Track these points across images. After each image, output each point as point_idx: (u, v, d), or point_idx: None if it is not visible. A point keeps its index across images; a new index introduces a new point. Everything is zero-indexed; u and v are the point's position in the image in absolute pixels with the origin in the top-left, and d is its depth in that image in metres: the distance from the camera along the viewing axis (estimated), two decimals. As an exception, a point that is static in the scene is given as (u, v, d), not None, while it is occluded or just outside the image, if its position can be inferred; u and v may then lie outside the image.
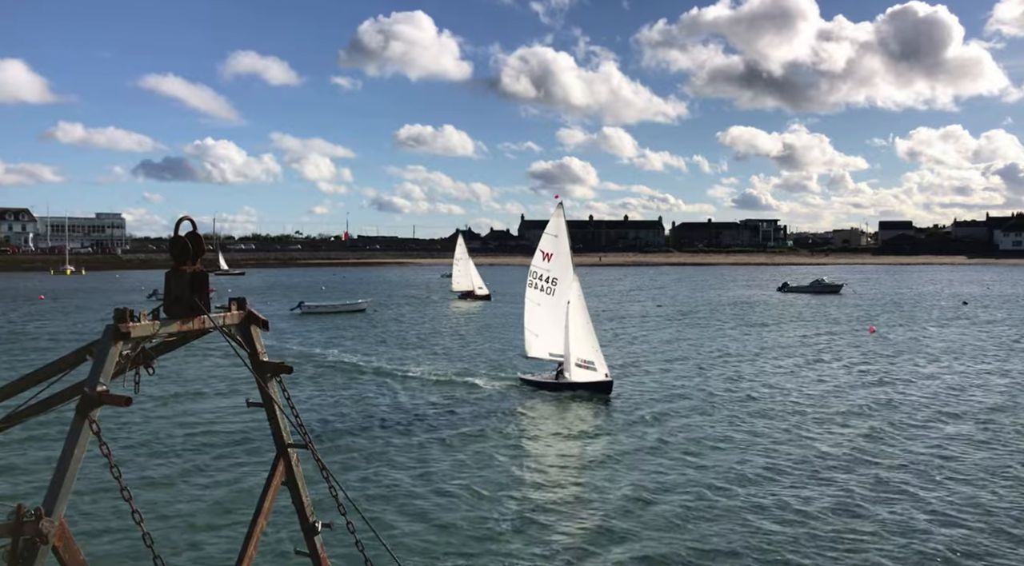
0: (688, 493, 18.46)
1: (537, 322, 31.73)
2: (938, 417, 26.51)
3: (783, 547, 15.04)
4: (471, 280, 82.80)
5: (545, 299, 31.39)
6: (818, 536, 15.75)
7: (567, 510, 17.42)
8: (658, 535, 15.80)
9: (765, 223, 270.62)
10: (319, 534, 7.20)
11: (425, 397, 30.02)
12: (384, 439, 23.59)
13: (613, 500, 18.02)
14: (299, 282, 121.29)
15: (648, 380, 33.52)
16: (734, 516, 16.88)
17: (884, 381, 33.37)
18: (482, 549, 15.21)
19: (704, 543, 15.32)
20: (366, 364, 37.91)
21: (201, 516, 16.89)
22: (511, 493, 18.58)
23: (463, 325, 58.46)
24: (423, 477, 19.75)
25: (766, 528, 16.10)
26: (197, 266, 6.61)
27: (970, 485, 19.02)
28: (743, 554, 14.76)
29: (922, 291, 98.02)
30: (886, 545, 15.28)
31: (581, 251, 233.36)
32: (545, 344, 31.45)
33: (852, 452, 22.09)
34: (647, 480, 19.46)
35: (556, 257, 31.30)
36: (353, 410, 27.65)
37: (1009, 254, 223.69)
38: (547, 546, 15.37)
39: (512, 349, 42.40)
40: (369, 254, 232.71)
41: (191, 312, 6.45)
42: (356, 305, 70.66)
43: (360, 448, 22.44)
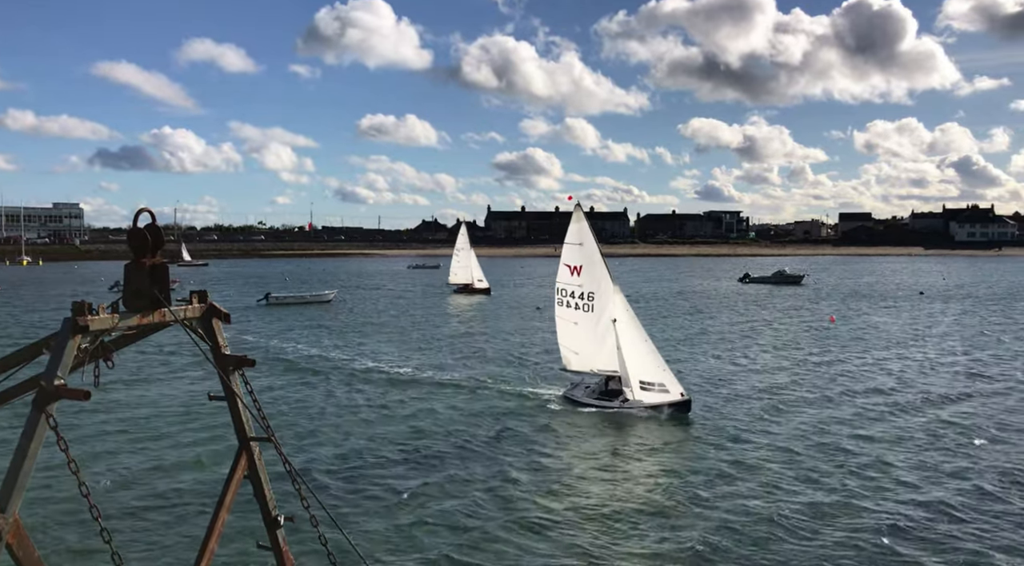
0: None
1: (575, 340, 28.11)
2: (906, 400, 27.16)
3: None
4: (471, 272, 77.73)
5: (583, 317, 27.69)
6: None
7: (541, 496, 17.55)
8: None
9: (728, 215, 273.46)
10: (281, 528, 7.17)
11: (398, 394, 29.93)
12: (350, 433, 23.51)
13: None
14: (263, 273, 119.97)
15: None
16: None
17: (844, 369, 34.03)
18: (450, 542, 15.26)
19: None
20: (334, 357, 37.69)
21: (161, 511, 16.70)
22: (478, 486, 18.64)
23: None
24: (388, 471, 19.73)
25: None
26: (157, 258, 6.53)
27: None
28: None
29: (881, 282, 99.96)
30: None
31: (547, 242, 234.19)
32: (589, 360, 27.88)
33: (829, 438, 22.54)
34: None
35: (587, 268, 27.54)
36: (319, 404, 27.50)
37: (964, 245, 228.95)
38: (515, 535, 15.47)
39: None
40: (334, 245, 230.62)
41: (151, 305, 6.37)
42: (323, 296, 70.13)
43: (325, 442, 22.35)
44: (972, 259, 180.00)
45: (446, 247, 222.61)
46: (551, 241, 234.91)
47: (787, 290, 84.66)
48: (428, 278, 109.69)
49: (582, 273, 27.69)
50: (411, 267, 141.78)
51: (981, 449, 21.72)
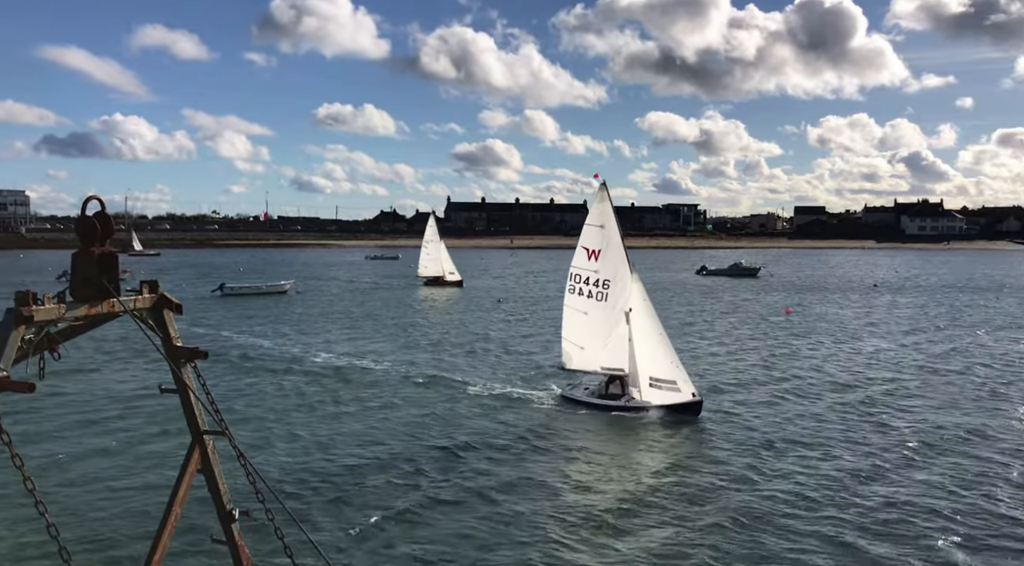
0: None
1: (582, 333, 25.95)
2: (861, 386, 27.74)
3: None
4: (441, 265, 75.08)
5: (594, 307, 25.62)
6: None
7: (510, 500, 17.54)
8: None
9: (686, 207, 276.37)
10: (236, 522, 7.05)
11: (362, 390, 29.65)
12: (308, 427, 23.25)
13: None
14: (217, 263, 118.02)
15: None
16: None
17: (799, 358, 34.65)
18: (407, 535, 15.19)
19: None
20: (291, 350, 37.24)
21: (112, 506, 16.34)
22: (442, 482, 18.59)
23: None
24: (347, 466, 19.57)
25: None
26: (106, 247, 6.35)
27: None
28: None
29: (835, 274, 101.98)
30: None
31: (507, 233, 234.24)
32: (594, 357, 25.81)
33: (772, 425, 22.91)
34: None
35: (606, 253, 25.51)
36: (276, 397, 27.15)
37: (915, 239, 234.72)
38: (466, 530, 15.45)
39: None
40: (290, 235, 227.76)
41: (99, 295, 6.21)
42: (279, 287, 69.27)
43: (281, 435, 22.07)
44: (921, 252, 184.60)
45: (405, 238, 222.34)
46: (512, 233, 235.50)
47: (744, 282, 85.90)
48: (388, 269, 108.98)
49: (600, 258, 25.59)
50: (369, 258, 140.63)
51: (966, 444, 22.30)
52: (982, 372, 32.27)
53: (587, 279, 25.82)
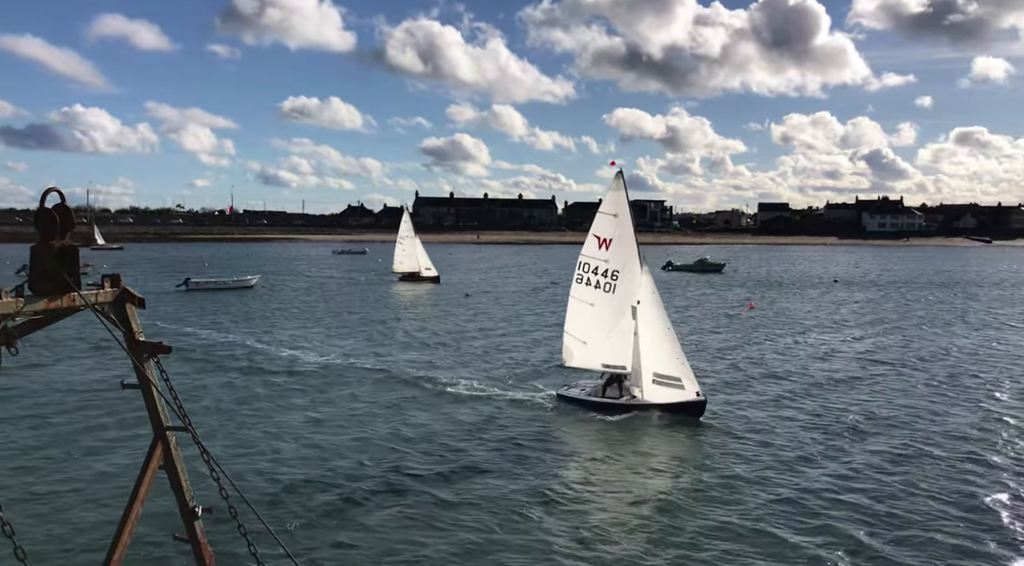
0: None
1: (586, 326, 24.95)
2: (822, 377, 28.20)
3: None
4: (417, 261, 73.82)
5: (601, 298, 24.73)
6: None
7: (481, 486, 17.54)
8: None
9: (652, 204, 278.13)
10: (199, 519, 6.99)
11: (331, 386, 29.44)
12: (273, 424, 23.05)
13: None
14: (182, 257, 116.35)
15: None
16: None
17: (764, 352, 35.11)
18: (376, 533, 15.15)
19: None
20: (258, 346, 36.87)
21: (71, 504, 16.05)
22: (409, 474, 18.56)
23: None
24: (314, 462, 19.44)
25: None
26: (66, 240, 6.25)
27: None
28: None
29: (798, 270, 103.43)
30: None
31: (476, 228, 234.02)
32: (596, 353, 24.80)
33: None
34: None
35: (617, 243, 24.67)
36: (241, 393, 26.85)
37: (876, 235, 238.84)
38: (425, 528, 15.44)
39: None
40: (256, 229, 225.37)
41: (59, 289, 6.12)
42: (245, 282, 68.54)
43: (246, 432, 21.84)
44: (882, 249, 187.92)
45: (373, 232, 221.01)
46: (480, 228, 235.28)
47: (709, 278, 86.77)
48: (357, 264, 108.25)
49: (611, 247, 24.77)
50: (336, 252, 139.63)
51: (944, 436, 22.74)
52: (970, 368, 32.99)
53: (596, 268, 25.01)
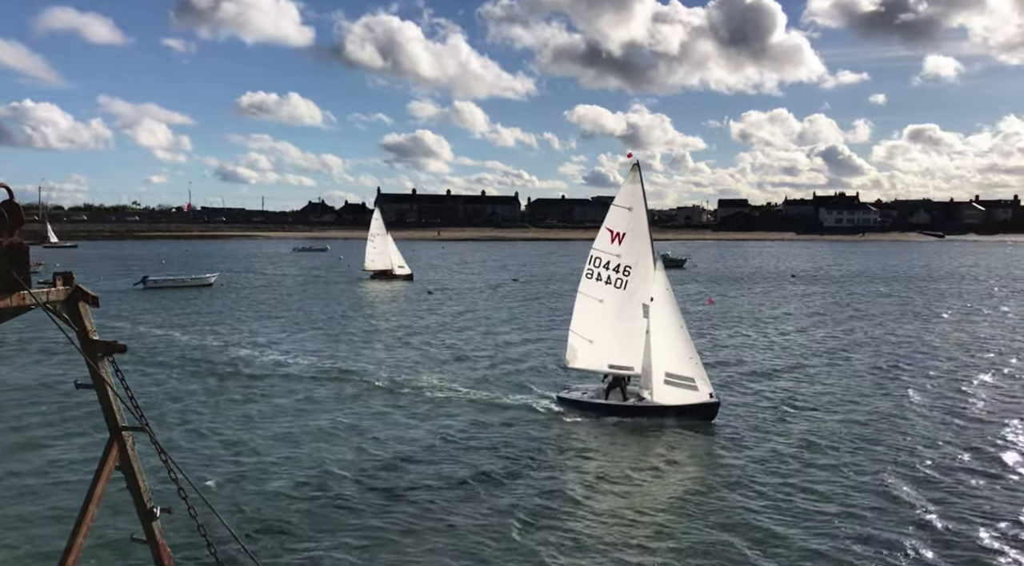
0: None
1: (594, 324, 23.99)
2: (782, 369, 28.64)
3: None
4: (389, 258, 72.65)
5: (611, 294, 23.76)
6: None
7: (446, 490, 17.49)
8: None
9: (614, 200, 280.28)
10: (157, 520, 6.90)
11: (298, 387, 29.11)
12: (234, 424, 22.75)
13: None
14: (138, 255, 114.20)
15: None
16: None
17: (722, 346, 35.57)
18: (336, 531, 15.05)
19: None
20: (218, 345, 36.35)
21: (23, 507, 15.67)
22: (374, 472, 18.46)
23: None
24: (274, 461, 19.25)
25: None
26: (15, 238, 6.11)
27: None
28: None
29: (756, 265, 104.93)
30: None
31: (439, 225, 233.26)
32: (603, 353, 23.80)
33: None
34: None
35: (631, 238, 23.63)
36: (200, 393, 26.43)
37: (832, 231, 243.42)
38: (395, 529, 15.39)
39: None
40: (214, 226, 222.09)
41: (8, 287, 5.98)
42: (204, 280, 67.56)
43: (205, 432, 21.53)
44: (838, 244, 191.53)
45: (333, 229, 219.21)
46: (443, 225, 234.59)
47: (670, 273, 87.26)
48: (317, 261, 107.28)
49: (624, 242, 23.74)
50: (296, 250, 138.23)
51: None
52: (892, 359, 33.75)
53: (607, 263, 24.02)
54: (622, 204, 23.98)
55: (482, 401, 25.06)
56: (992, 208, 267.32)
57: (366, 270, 74.45)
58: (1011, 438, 21.38)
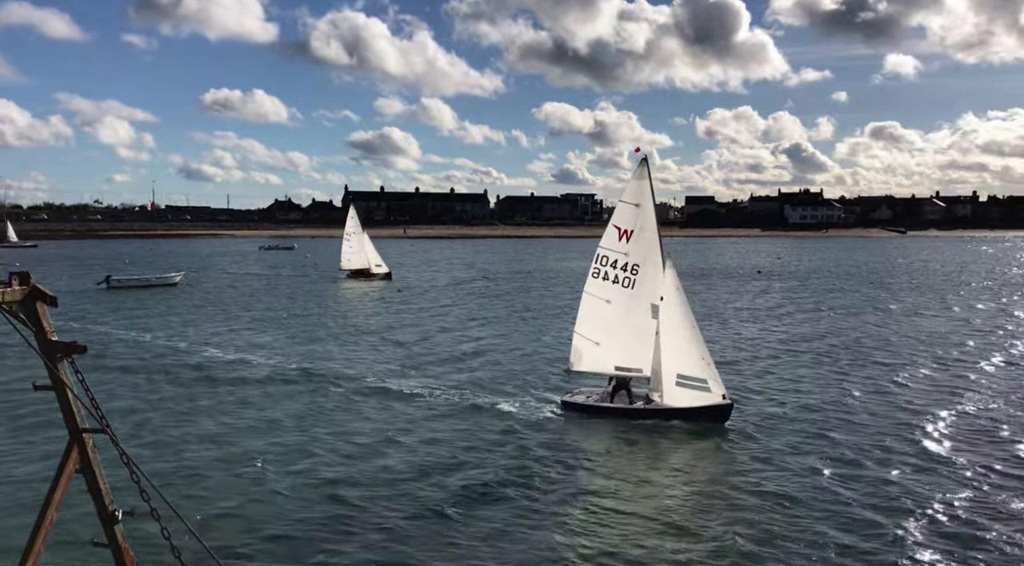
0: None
1: (600, 325, 23.27)
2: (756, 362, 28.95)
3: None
4: (367, 257, 70.95)
5: (619, 294, 23.02)
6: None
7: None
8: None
9: (583, 197, 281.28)
10: (119, 523, 6.79)
11: (269, 389, 28.74)
12: (199, 425, 22.46)
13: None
14: (101, 254, 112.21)
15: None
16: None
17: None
18: (301, 533, 14.93)
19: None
20: (184, 346, 35.84)
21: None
22: (337, 480, 18.32)
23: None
24: (237, 462, 19.04)
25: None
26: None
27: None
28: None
29: (723, 262, 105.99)
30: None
31: (408, 223, 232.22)
32: (609, 355, 23.08)
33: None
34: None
35: (639, 235, 22.92)
36: (165, 394, 26.05)
37: (797, 227, 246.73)
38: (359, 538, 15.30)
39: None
40: (179, 225, 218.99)
41: (-38, 288, 5.84)
42: (169, 279, 66.60)
43: (169, 434, 21.23)
44: (803, 240, 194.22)
45: (300, 227, 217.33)
46: (412, 222, 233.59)
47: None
48: (285, 259, 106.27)
49: (632, 239, 22.98)
50: (263, 248, 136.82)
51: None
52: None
53: (615, 262, 23.22)
54: (629, 200, 23.17)
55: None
56: (952, 204, 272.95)
57: (342, 269, 72.93)
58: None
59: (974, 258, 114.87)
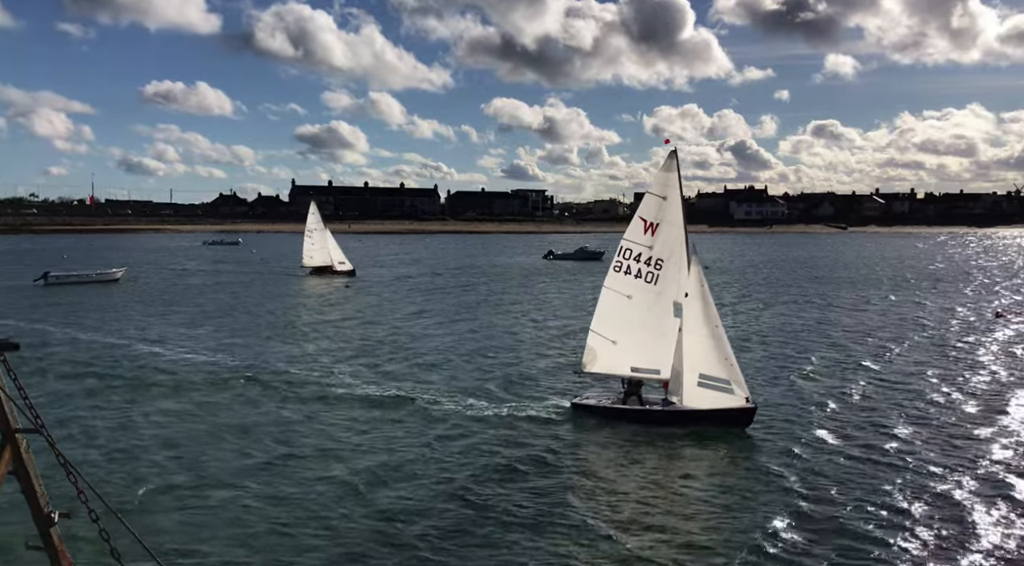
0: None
1: (620, 323, 22.15)
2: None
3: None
4: (329, 254, 69.26)
5: (641, 290, 21.93)
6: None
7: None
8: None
9: (534, 193, 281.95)
10: (56, 525, 6.63)
11: (215, 389, 28.15)
12: (138, 426, 21.97)
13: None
14: (37, 249, 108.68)
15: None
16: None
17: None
18: (246, 536, 14.75)
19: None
20: (125, 344, 34.99)
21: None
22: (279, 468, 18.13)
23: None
24: (176, 462, 18.70)
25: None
26: None
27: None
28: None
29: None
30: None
31: (357, 218, 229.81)
32: (625, 356, 21.95)
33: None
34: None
35: (664, 229, 21.94)
36: (103, 393, 25.39)
37: (743, 223, 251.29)
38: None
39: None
40: (120, 220, 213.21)
41: None
42: (110, 275, 64.83)
43: (106, 433, 20.72)
44: (749, 236, 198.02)
45: (246, 222, 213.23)
46: (361, 218, 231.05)
47: (589, 265, 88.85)
48: (230, 254, 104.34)
49: (657, 233, 21.97)
50: (208, 243, 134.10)
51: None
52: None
53: (638, 255, 22.12)
54: (656, 193, 22.15)
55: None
56: (891, 201, 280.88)
57: (304, 267, 71.02)
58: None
59: (912, 254, 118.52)
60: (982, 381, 27.36)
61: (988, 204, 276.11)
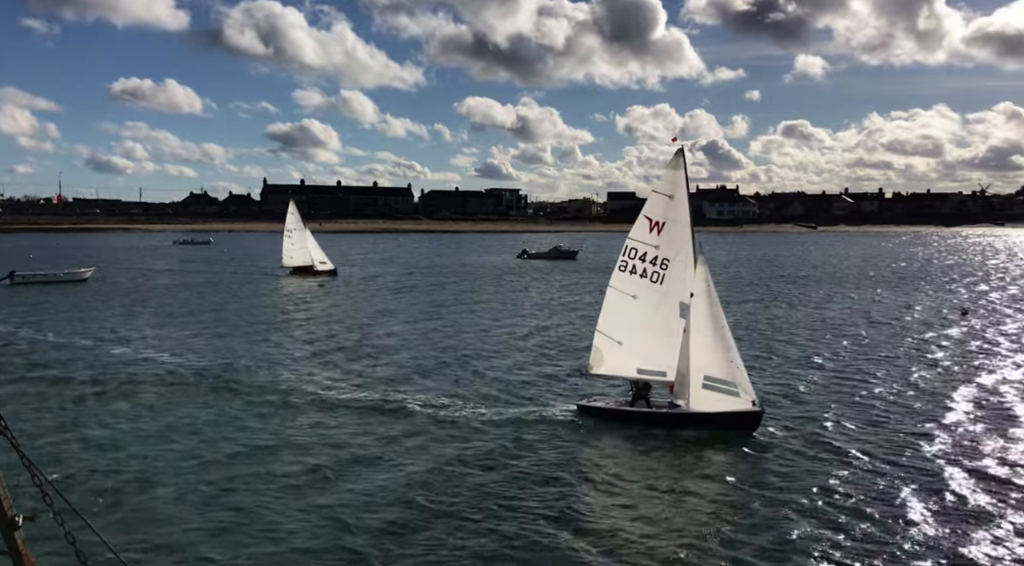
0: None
1: (624, 323, 21.79)
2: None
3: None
4: (310, 254, 68.22)
5: (647, 290, 21.56)
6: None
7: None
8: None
9: (507, 192, 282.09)
10: (20, 529, 6.52)
11: (190, 392, 27.82)
12: (107, 428, 21.66)
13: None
14: (1, 249, 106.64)
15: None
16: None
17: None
18: (208, 531, 14.62)
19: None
20: (90, 343, 34.48)
21: None
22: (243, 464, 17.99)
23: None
24: (145, 465, 18.48)
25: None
26: None
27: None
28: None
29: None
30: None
31: (329, 217, 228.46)
32: (631, 356, 21.58)
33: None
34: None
35: (670, 228, 21.54)
36: (66, 393, 25.00)
37: (715, 222, 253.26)
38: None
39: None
40: (88, 219, 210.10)
41: None
42: (78, 274, 63.86)
43: (73, 434, 20.40)
44: (721, 235, 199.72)
45: (217, 221, 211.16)
46: (334, 216, 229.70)
47: (563, 264, 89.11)
48: (201, 254, 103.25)
49: (663, 232, 21.57)
50: (178, 243, 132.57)
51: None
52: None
53: (644, 255, 21.77)
54: (662, 191, 21.83)
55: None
56: (860, 200, 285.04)
57: (284, 267, 70.00)
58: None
59: (877, 253, 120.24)
60: (934, 378, 27.75)
61: (954, 204, 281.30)
